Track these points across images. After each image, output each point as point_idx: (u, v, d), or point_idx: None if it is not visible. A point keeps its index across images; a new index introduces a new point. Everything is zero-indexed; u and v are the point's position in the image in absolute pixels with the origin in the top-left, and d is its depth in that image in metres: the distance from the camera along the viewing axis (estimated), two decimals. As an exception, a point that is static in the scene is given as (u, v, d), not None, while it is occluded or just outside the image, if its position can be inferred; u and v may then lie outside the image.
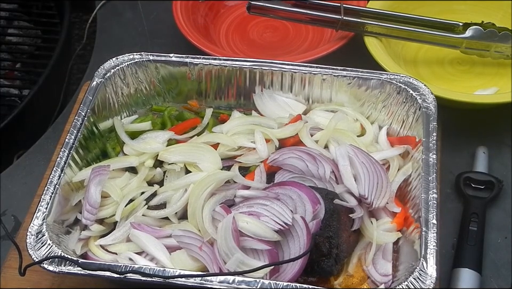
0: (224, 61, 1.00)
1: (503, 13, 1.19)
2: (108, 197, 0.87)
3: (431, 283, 0.73)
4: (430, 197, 0.81)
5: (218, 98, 1.04)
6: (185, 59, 1.01)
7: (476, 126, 1.08)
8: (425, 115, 0.90)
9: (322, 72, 0.98)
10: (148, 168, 0.90)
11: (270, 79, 1.00)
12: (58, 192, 0.84)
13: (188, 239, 0.80)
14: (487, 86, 1.11)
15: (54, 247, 0.78)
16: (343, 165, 0.86)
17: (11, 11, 1.50)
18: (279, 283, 0.72)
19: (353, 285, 0.81)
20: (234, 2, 1.35)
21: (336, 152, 0.87)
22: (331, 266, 0.79)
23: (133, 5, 1.38)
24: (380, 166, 0.86)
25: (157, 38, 1.30)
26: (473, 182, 0.98)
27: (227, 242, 0.77)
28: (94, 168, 0.88)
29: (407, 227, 0.84)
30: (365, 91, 0.97)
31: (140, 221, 0.84)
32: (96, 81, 0.97)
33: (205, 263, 0.79)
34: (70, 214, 0.87)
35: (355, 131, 0.96)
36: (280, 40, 1.28)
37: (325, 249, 0.79)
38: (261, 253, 0.78)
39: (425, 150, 0.86)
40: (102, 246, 0.84)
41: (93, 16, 1.38)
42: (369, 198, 0.84)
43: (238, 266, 0.76)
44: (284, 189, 0.82)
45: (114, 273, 0.74)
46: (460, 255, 0.89)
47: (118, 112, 1.01)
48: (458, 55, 1.18)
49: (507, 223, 0.95)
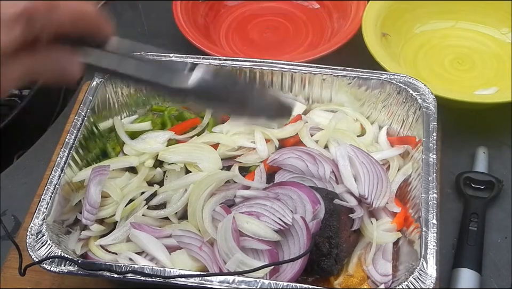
0: (224, 61, 1.00)
1: (503, 13, 1.19)
2: (108, 197, 0.87)
3: (431, 283, 0.73)
4: (430, 197, 0.81)
5: (218, 98, 1.04)
6: (185, 59, 1.00)
7: (476, 126, 1.08)
8: (425, 115, 0.90)
9: (322, 72, 0.98)
10: (147, 168, 0.90)
11: (270, 79, 1.00)
12: (58, 192, 0.84)
13: (187, 239, 0.80)
14: (487, 86, 1.11)
15: (54, 247, 0.78)
16: (343, 165, 0.86)
17: (11, 11, 1.49)
18: (279, 283, 0.72)
19: (353, 285, 0.81)
20: (234, 2, 1.35)
21: (336, 152, 0.87)
22: (331, 266, 0.79)
23: (133, 5, 1.38)
24: (380, 166, 0.86)
25: (157, 38, 1.30)
26: (473, 182, 0.98)
27: (227, 242, 0.77)
28: (94, 168, 0.88)
29: (407, 227, 0.84)
30: (365, 91, 0.97)
31: (139, 221, 0.84)
32: (96, 81, 0.97)
33: (205, 263, 0.79)
34: (70, 214, 0.87)
35: (355, 131, 0.96)
36: (280, 40, 1.28)
37: (325, 249, 0.79)
38: (261, 253, 0.78)
39: (425, 150, 0.86)
40: (102, 246, 0.84)
41: (93, 16, 1.38)
42: (369, 198, 0.84)
43: (238, 266, 0.76)
44: (284, 189, 0.82)
45: (114, 273, 0.74)
46: (460, 255, 0.89)
47: (118, 112, 1.01)
48: (458, 55, 1.18)
49: (507, 223, 0.95)
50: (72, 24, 0.58)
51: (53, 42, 0.57)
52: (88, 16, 0.59)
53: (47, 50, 0.57)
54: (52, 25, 0.56)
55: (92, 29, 0.60)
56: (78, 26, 0.59)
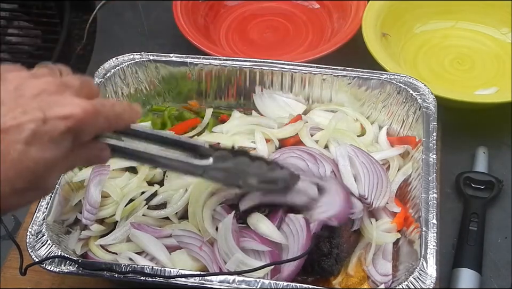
0: (224, 61, 1.00)
1: (503, 13, 1.19)
2: (108, 197, 0.87)
3: (431, 283, 0.73)
4: (430, 197, 0.81)
5: (218, 98, 1.04)
6: (185, 59, 1.01)
7: (476, 126, 1.08)
8: (425, 115, 0.90)
9: (322, 72, 0.98)
10: (148, 168, 0.90)
11: (270, 79, 1.00)
12: (58, 192, 0.84)
13: (188, 239, 0.80)
14: (487, 86, 1.11)
15: (54, 247, 0.78)
16: (343, 165, 0.86)
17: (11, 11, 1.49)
18: (279, 283, 0.72)
19: (353, 285, 0.81)
20: (234, 2, 1.35)
21: (336, 151, 0.87)
22: (331, 266, 0.79)
23: (133, 5, 1.38)
24: (380, 166, 0.86)
25: (157, 38, 1.30)
26: (473, 182, 0.98)
27: (227, 242, 0.77)
28: (94, 168, 0.87)
29: (407, 227, 0.84)
30: (365, 91, 0.97)
31: (140, 221, 0.84)
32: (96, 81, 0.97)
33: (205, 263, 0.79)
34: (70, 214, 0.87)
35: (355, 131, 0.96)
36: (280, 40, 1.28)
37: (326, 249, 0.79)
38: (262, 253, 0.78)
39: (425, 150, 0.86)
40: (102, 246, 0.84)
41: (93, 16, 1.38)
42: (369, 198, 0.84)
43: (238, 266, 0.76)
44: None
45: (115, 273, 0.74)
46: (460, 255, 0.89)
47: (118, 112, 1.01)
48: (458, 55, 1.18)
49: (507, 223, 0.95)
50: (110, 126, 0.59)
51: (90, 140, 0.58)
52: (124, 116, 0.61)
53: (84, 147, 0.58)
54: (95, 131, 0.58)
55: (125, 124, 0.62)
56: (115, 126, 0.60)
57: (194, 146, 0.67)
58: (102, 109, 0.57)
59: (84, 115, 0.54)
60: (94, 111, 0.55)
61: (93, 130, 0.57)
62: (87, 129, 0.56)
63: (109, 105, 0.58)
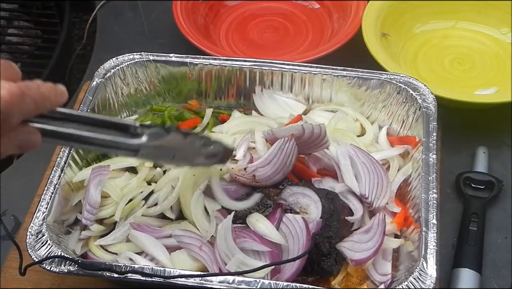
0: (224, 61, 1.00)
1: (503, 13, 1.19)
2: (108, 197, 0.87)
3: (431, 283, 0.73)
4: (430, 197, 0.81)
5: (218, 98, 1.04)
6: (185, 59, 1.01)
7: (476, 126, 1.08)
8: (425, 115, 0.90)
9: (322, 72, 0.98)
10: (147, 168, 0.90)
11: (270, 79, 1.00)
12: (58, 192, 0.84)
13: (187, 239, 0.80)
14: (487, 86, 1.11)
15: (54, 247, 0.78)
16: (344, 164, 0.86)
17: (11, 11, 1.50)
18: (279, 283, 0.72)
19: (353, 285, 0.81)
20: (234, 2, 1.35)
21: (337, 151, 0.87)
22: (331, 266, 0.79)
23: (133, 5, 1.38)
24: (380, 166, 0.86)
25: (157, 38, 1.30)
26: (473, 182, 0.98)
27: (227, 242, 0.77)
28: (94, 168, 0.88)
29: (407, 227, 0.84)
30: (365, 91, 0.97)
31: (139, 221, 0.84)
32: (96, 81, 0.97)
33: (205, 263, 0.79)
34: (70, 214, 0.87)
35: (355, 131, 0.96)
36: (280, 40, 1.28)
37: (325, 249, 0.79)
38: (262, 254, 0.78)
39: (425, 150, 0.86)
40: (102, 246, 0.84)
41: (93, 16, 1.38)
42: (370, 197, 0.84)
43: (239, 266, 0.76)
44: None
45: (114, 273, 0.74)
46: (460, 255, 0.89)
47: (118, 112, 1.01)
48: (458, 55, 1.18)
49: (507, 223, 0.95)
50: (37, 108, 0.58)
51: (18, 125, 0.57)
52: (51, 97, 0.60)
53: (13, 132, 0.57)
54: (23, 114, 0.56)
55: (52, 106, 0.61)
56: (42, 108, 0.59)
57: (126, 126, 0.66)
58: (28, 91, 0.55)
59: (10, 98, 0.53)
60: (21, 93, 0.54)
61: (20, 113, 0.55)
62: (14, 112, 0.54)
63: (35, 87, 0.57)
